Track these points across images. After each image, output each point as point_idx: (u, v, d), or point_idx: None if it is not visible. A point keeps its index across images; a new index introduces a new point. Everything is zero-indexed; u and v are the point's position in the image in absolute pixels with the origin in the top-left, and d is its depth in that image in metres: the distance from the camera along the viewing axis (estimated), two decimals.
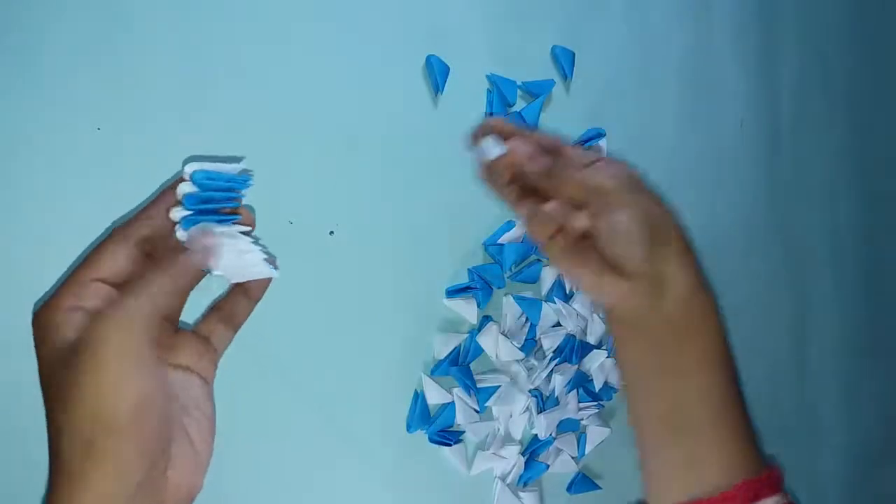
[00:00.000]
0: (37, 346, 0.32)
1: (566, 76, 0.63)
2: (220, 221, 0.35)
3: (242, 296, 0.36)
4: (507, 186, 0.43)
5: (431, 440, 0.57)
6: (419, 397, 0.56)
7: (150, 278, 0.31)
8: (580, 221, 0.41)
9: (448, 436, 0.57)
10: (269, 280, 0.36)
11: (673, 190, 0.74)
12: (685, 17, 0.74)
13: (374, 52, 0.54)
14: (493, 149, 0.42)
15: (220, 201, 0.35)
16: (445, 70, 0.56)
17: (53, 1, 0.43)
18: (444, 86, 0.56)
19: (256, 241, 0.36)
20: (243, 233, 0.35)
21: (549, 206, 0.41)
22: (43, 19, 0.42)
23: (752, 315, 0.82)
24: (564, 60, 0.63)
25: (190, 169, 0.34)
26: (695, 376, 0.41)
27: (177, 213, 0.34)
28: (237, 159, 0.36)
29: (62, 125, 0.43)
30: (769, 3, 0.83)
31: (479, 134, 0.43)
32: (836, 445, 0.93)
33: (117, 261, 0.33)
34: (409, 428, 0.56)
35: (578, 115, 0.65)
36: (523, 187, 0.43)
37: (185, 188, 0.34)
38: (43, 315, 0.32)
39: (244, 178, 0.36)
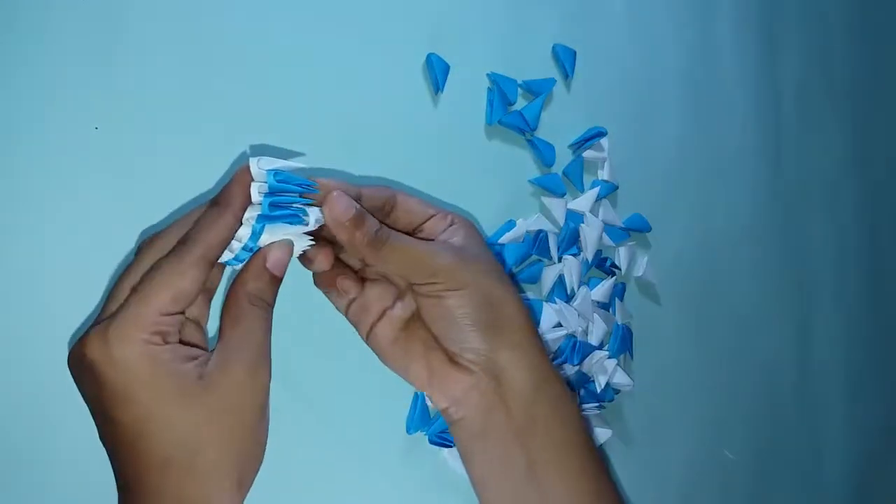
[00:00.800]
0: (130, 385, 0.29)
1: (567, 75, 0.63)
2: (290, 220, 0.34)
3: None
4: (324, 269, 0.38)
5: (431, 442, 0.56)
6: (419, 398, 0.56)
7: (253, 315, 0.32)
8: (405, 309, 0.37)
9: (448, 437, 0.57)
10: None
11: (674, 189, 0.74)
12: (687, 16, 0.74)
13: (374, 51, 0.53)
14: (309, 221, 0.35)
15: (291, 205, 0.34)
16: (445, 69, 0.56)
17: (53, 1, 0.42)
18: (444, 85, 0.56)
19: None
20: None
21: (373, 293, 0.37)
22: (42, 19, 0.42)
23: (752, 315, 0.82)
24: (565, 59, 0.63)
25: (262, 168, 0.33)
26: (552, 477, 0.36)
27: (256, 192, 0.33)
28: (297, 154, 0.35)
29: (61, 125, 0.43)
30: (770, 3, 0.83)
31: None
32: (837, 446, 0.93)
33: (197, 287, 0.31)
34: (408, 429, 0.56)
35: (579, 114, 0.65)
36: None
37: (259, 190, 0.33)
38: (129, 348, 0.29)
39: (312, 184, 0.35)
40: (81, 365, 0.30)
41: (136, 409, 0.29)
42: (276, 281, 0.33)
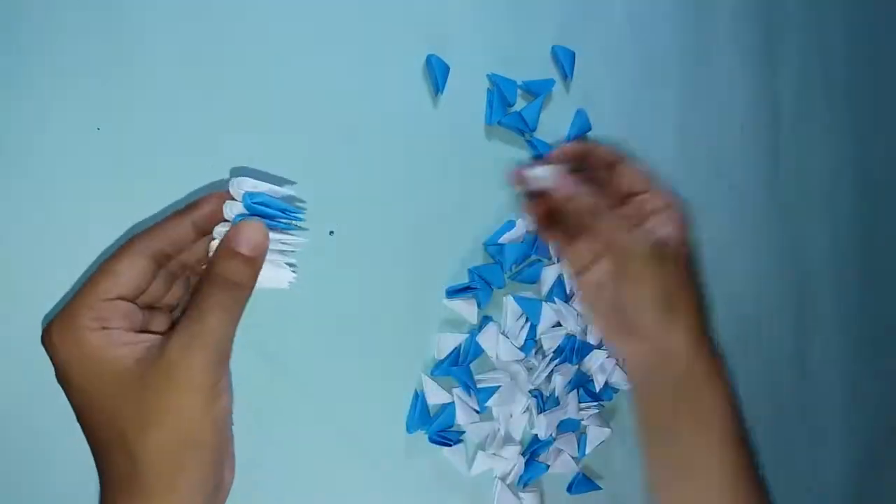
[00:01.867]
0: (68, 366, 0.31)
1: (566, 76, 0.63)
2: (272, 225, 0.33)
3: None
4: (543, 214, 0.45)
5: (431, 440, 0.56)
6: (419, 397, 0.56)
7: (217, 296, 0.31)
8: (599, 274, 0.43)
9: (448, 436, 0.57)
10: None
11: (673, 189, 0.74)
12: (686, 17, 0.74)
13: (374, 52, 0.54)
14: (542, 176, 0.43)
15: (272, 219, 0.33)
16: (445, 70, 0.56)
17: (53, 1, 0.43)
18: (444, 86, 0.56)
19: (291, 251, 0.35)
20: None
21: (584, 246, 0.43)
22: (43, 19, 0.42)
23: (751, 315, 0.82)
24: (565, 60, 0.63)
25: (240, 188, 0.32)
26: (693, 435, 0.44)
27: (230, 210, 0.32)
28: (288, 182, 0.34)
29: (62, 125, 0.43)
30: (770, 3, 0.83)
31: (544, 162, 0.45)
32: (837, 446, 0.93)
33: (138, 275, 0.32)
34: (409, 428, 0.56)
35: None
36: (557, 216, 0.44)
37: (232, 209, 0.32)
38: (66, 334, 0.31)
39: (296, 212, 0.34)
40: (46, 351, 0.32)
41: (76, 391, 0.31)
42: (248, 260, 0.32)
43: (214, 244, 0.33)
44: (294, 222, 0.34)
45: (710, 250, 0.79)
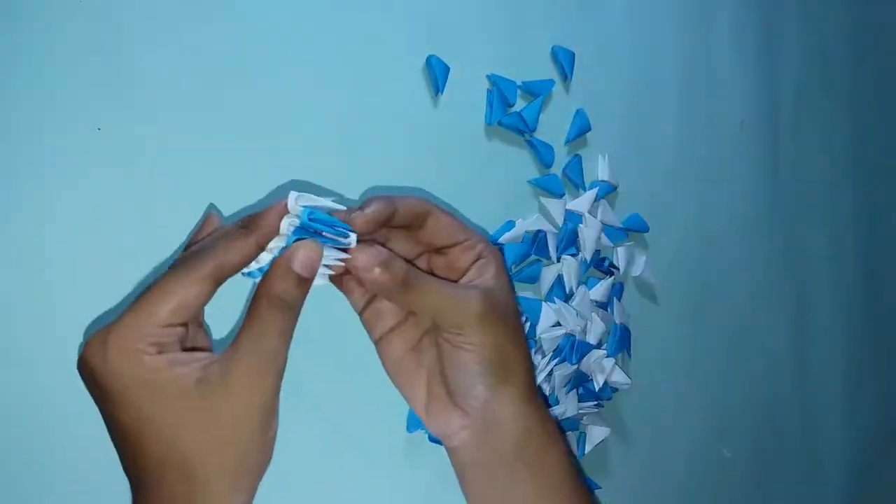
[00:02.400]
0: (125, 393, 0.30)
1: (566, 76, 0.63)
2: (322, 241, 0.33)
3: None
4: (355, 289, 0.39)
5: (431, 440, 0.57)
6: None
7: (275, 317, 0.31)
8: (420, 329, 0.38)
9: None
10: None
11: (672, 190, 0.74)
12: (686, 17, 0.74)
13: (375, 53, 0.54)
14: (334, 264, 0.36)
15: (322, 234, 0.33)
16: (445, 70, 0.56)
17: (55, 2, 0.43)
18: (444, 86, 0.56)
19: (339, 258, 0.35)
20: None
21: (387, 306, 0.38)
22: (42, 19, 0.42)
23: (750, 315, 0.82)
24: (564, 60, 0.63)
25: (299, 204, 0.32)
26: (538, 499, 0.38)
27: (287, 225, 0.32)
28: (341, 199, 0.34)
29: (62, 125, 0.43)
30: (770, 3, 0.83)
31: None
32: (836, 445, 0.93)
33: (198, 300, 0.31)
34: (409, 428, 0.56)
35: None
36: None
37: (290, 224, 0.32)
38: (122, 358, 0.29)
39: (346, 228, 0.34)
40: (84, 369, 0.30)
41: (132, 412, 0.30)
42: (303, 281, 0.32)
43: (264, 256, 0.33)
44: (341, 238, 0.34)
45: (711, 250, 0.80)
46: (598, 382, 0.64)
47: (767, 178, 0.83)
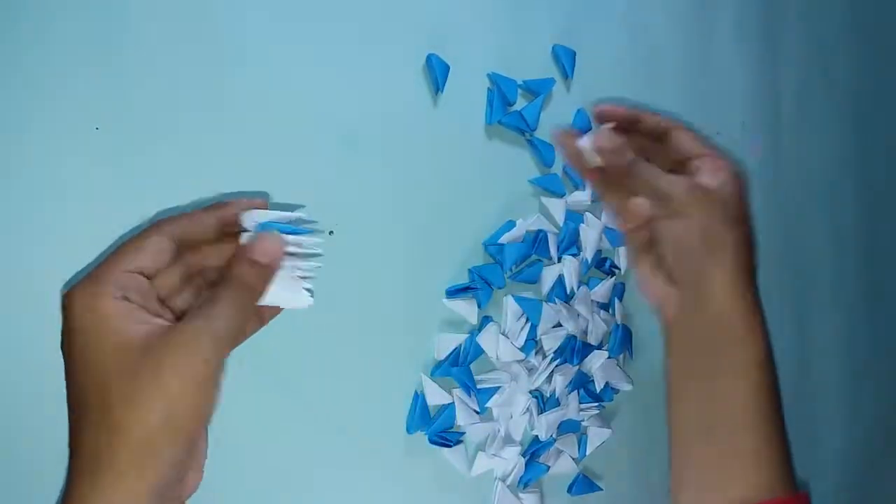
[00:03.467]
0: (78, 330, 0.31)
1: (567, 75, 0.63)
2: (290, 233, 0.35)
3: (257, 319, 0.37)
4: (593, 176, 0.44)
5: (431, 441, 0.56)
6: (419, 398, 0.56)
7: (231, 293, 0.33)
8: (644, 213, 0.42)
9: (448, 437, 0.57)
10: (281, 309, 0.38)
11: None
12: (687, 17, 0.74)
13: (374, 51, 0.54)
14: (587, 147, 0.43)
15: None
16: (445, 69, 0.56)
17: (55, 2, 0.43)
18: (444, 85, 0.56)
19: (311, 268, 0.37)
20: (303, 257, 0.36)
21: (638, 202, 0.42)
22: (42, 19, 0.42)
23: None
24: (565, 59, 0.63)
25: (252, 221, 0.35)
26: (727, 382, 0.42)
27: (249, 219, 0.35)
28: (295, 207, 0.36)
29: (62, 125, 0.43)
30: (771, 3, 0.83)
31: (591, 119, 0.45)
32: (836, 445, 0.93)
33: (160, 253, 0.34)
34: (408, 429, 0.56)
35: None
36: (609, 177, 0.44)
37: (251, 220, 0.35)
38: (87, 299, 0.32)
39: (304, 232, 0.36)
40: (62, 312, 0.32)
41: (77, 356, 0.31)
42: (263, 268, 0.34)
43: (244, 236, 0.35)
44: (309, 244, 0.36)
45: None
46: (599, 384, 0.64)
47: (768, 177, 0.83)
